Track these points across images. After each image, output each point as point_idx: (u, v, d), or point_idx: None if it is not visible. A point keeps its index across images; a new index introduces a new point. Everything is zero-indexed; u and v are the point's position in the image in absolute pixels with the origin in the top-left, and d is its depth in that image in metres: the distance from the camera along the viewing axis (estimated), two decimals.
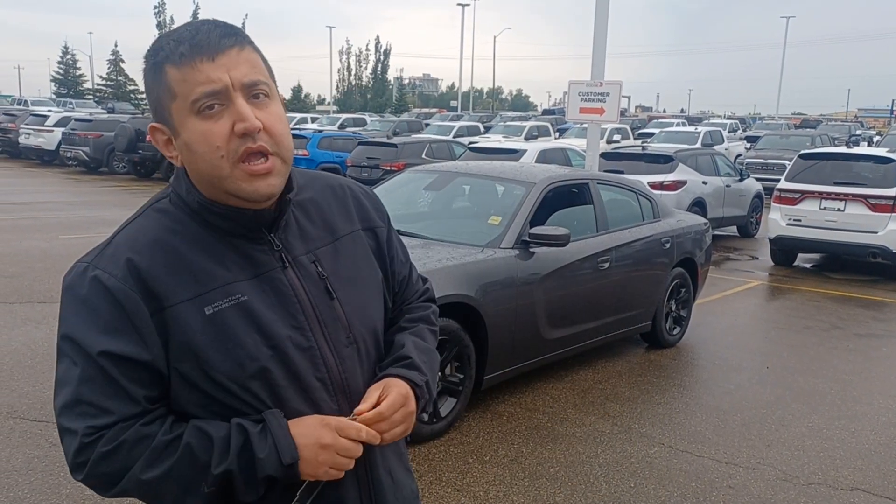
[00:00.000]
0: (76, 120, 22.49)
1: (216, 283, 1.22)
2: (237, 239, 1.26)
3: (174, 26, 1.27)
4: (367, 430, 1.25)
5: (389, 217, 1.54)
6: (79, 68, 67.97)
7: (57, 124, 23.10)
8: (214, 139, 1.17)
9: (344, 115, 37.37)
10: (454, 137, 22.90)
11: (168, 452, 1.18)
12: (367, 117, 36.74)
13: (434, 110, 62.51)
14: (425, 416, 4.48)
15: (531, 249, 5.15)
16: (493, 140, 22.12)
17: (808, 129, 31.03)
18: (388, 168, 14.58)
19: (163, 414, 1.23)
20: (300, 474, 1.22)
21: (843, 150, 11.30)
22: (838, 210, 9.71)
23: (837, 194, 9.73)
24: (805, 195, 9.98)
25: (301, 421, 1.24)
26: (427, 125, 30.02)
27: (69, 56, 66.69)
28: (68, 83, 66.01)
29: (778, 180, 10.94)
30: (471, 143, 18.74)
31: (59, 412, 1.21)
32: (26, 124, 24.10)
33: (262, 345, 1.23)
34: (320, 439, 1.21)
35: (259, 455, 1.18)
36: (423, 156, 15.66)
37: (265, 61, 1.25)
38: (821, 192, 9.86)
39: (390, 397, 1.29)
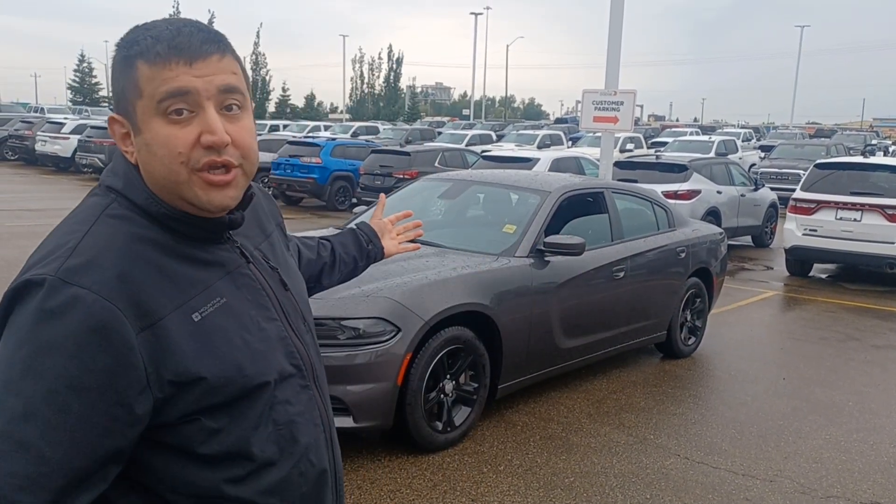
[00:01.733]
0: (92, 127, 22.65)
1: (197, 289, 1.17)
2: (202, 241, 1.22)
3: None
4: None
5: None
6: (94, 76, 68.52)
7: (73, 132, 23.30)
8: (178, 145, 1.12)
9: (357, 124, 37.51)
10: (467, 146, 22.93)
11: None
12: (380, 125, 36.83)
13: (446, 119, 62.63)
14: (439, 425, 4.47)
15: (546, 258, 5.14)
16: (506, 148, 22.11)
17: (823, 139, 30.88)
18: (401, 176, 14.61)
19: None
20: None
21: (859, 159, 11.22)
22: (854, 220, 9.64)
23: (854, 204, 9.67)
24: (821, 205, 9.92)
25: None
26: (439, 133, 30.07)
27: (85, 64, 67.26)
28: (84, 91, 66.56)
29: (793, 190, 10.88)
30: (483, 151, 18.73)
31: None
32: (42, 132, 24.32)
33: (250, 342, 1.21)
34: None
35: None
36: (436, 164, 15.68)
37: (244, 71, 1.22)
38: (837, 202, 9.79)
39: None
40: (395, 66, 68.96)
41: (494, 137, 28.47)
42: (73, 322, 1.03)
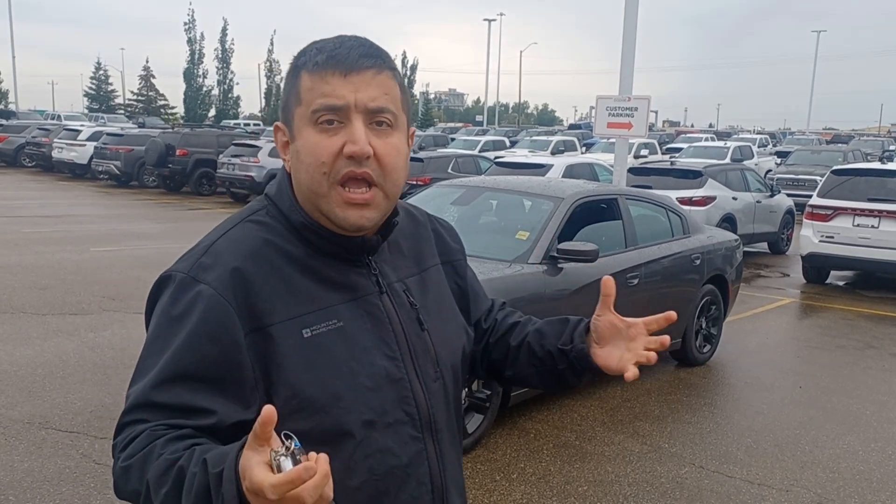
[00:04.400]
0: (108, 134, 22.86)
1: (315, 305, 1.16)
2: (335, 259, 1.21)
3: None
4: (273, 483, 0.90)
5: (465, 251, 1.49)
6: (111, 84, 69.23)
7: (89, 139, 23.49)
8: (322, 153, 1.14)
9: None
10: (480, 152, 22.93)
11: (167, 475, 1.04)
12: None
13: (460, 125, 62.70)
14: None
15: (559, 265, 5.12)
16: (520, 155, 22.10)
17: (839, 145, 30.66)
18: (414, 182, 14.61)
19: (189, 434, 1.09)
20: None
21: (876, 165, 11.13)
22: (872, 227, 9.55)
23: (871, 211, 9.57)
24: (838, 211, 9.83)
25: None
26: (453, 140, 30.10)
27: (101, 72, 67.95)
28: (100, 98, 67.21)
29: (809, 196, 10.79)
30: (497, 157, 18.72)
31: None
32: (59, 139, 24.54)
33: (354, 377, 1.16)
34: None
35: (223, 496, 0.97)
36: (450, 170, 15.69)
37: (403, 91, 1.21)
38: (854, 209, 9.70)
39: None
40: (408, 72, 69.24)
41: (508, 143, 28.46)
42: (193, 317, 1.12)
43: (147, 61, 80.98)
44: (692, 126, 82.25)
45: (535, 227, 5.37)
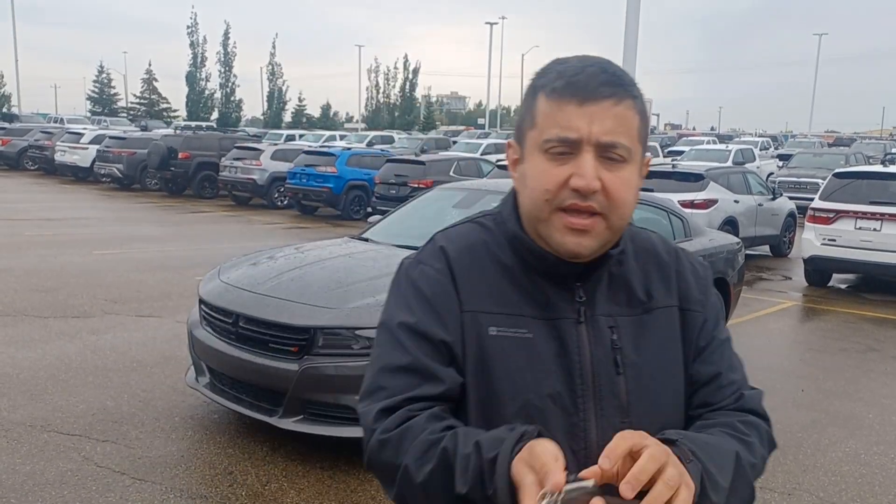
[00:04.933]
0: (110, 137, 22.91)
1: (509, 310, 1.17)
2: (543, 278, 1.19)
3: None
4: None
5: (714, 304, 1.30)
6: (113, 87, 69.43)
7: (91, 142, 23.55)
8: (548, 182, 1.12)
9: (372, 133, 37.69)
10: (482, 155, 22.93)
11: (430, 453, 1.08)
12: (395, 135, 36.97)
13: (462, 128, 62.73)
14: None
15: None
16: None
17: (841, 147, 30.62)
18: (416, 185, 14.63)
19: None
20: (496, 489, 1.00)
21: (878, 168, 11.11)
22: (874, 230, 9.54)
23: (873, 214, 9.56)
24: (840, 214, 9.82)
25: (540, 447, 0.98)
26: (455, 143, 30.11)
27: (104, 75, 68.13)
28: (103, 101, 67.37)
29: (811, 199, 10.78)
30: (498, 160, 18.71)
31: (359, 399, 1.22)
32: (62, 142, 24.61)
33: (526, 389, 1.14)
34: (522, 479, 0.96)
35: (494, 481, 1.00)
36: (451, 173, 15.70)
37: (643, 120, 1.16)
38: (856, 212, 9.69)
39: (643, 457, 0.93)
40: (410, 75, 69.33)
41: None
42: (422, 289, 1.20)
43: (150, 64, 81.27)
44: (694, 129, 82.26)
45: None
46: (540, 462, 0.93)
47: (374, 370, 1.19)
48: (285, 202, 18.56)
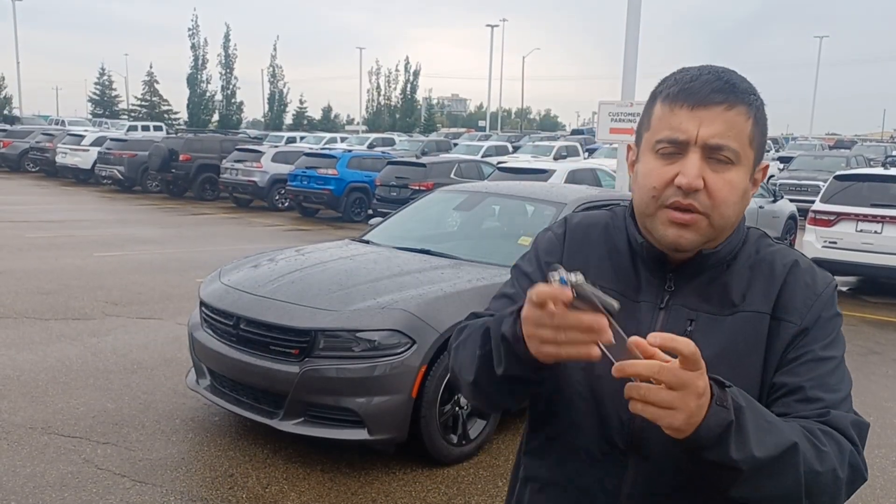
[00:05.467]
0: (111, 139, 22.94)
1: (602, 281, 1.27)
2: (641, 262, 1.32)
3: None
4: (542, 290, 1.04)
5: (825, 320, 1.29)
6: (114, 89, 69.46)
7: (93, 144, 23.57)
8: (655, 180, 1.22)
9: (373, 135, 37.68)
10: (483, 157, 22.94)
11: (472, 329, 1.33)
12: (396, 137, 36.97)
13: (462, 130, 62.73)
14: (454, 438, 4.44)
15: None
16: (522, 160, 22.09)
17: (842, 150, 30.63)
18: (417, 188, 14.63)
19: None
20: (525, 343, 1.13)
21: (879, 171, 11.10)
22: (875, 232, 9.53)
23: (874, 216, 9.56)
24: (841, 217, 9.81)
25: None
26: (455, 145, 30.12)
27: (105, 77, 68.14)
28: (104, 103, 67.39)
29: (812, 201, 10.77)
30: (499, 162, 18.73)
31: None
32: (63, 144, 24.63)
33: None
34: (525, 312, 1.10)
35: (503, 324, 1.18)
36: (452, 175, 15.69)
37: (757, 125, 1.23)
38: (857, 214, 9.68)
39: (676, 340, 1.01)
40: (411, 77, 69.23)
41: (510, 149, 28.47)
42: (536, 247, 1.47)
43: (151, 67, 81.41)
44: None
45: (538, 232, 5.35)
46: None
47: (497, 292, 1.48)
48: (286, 204, 18.56)
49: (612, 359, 1.03)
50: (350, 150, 21.12)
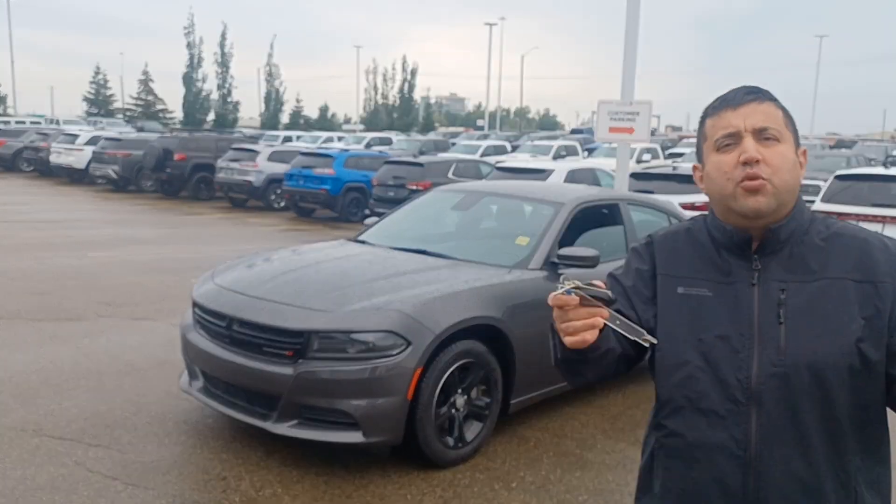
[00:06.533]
0: (106, 139, 22.82)
1: (693, 274, 1.62)
2: (727, 252, 1.60)
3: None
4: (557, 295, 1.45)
5: None
6: (109, 88, 69.17)
7: (87, 143, 23.46)
8: (724, 167, 1.54)
9: (370, 134, 37.59)
10: (481, 157, 22.89)
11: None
12: (394, 136, 36.88)
13: (461, 129, 62.68)
14: (450, 441, 4.38)
15: (560, 271, 5.05)
16: (521, 159, 22.03)
17: (843, 150, 30.59)
18: (414, 187, 14.56)
19: None
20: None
21: (880, 170, 11.05)
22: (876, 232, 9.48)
23: (875, 216, 9.50)
24: (841, 217, 9.74)
25: None
26: (453, 144, 30.05)
27: (100, 76, 67.91)
28: (99, 103, 67.13)
29: (812, 201, 10.72)
30: (498, 162, 18.66)
31: None
32: (57, 143, 24.51)
33: (700, 331, 1.56)
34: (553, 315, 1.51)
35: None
36: (450, 175, 15.63)
37: (787, 115, 1.58)
38: (858, 214, 9.63)
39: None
40: (409, 77, 69.07)
41: (509, 148, 28.40)
42: (631, 251, 1.78)
43: (146, 66, 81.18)
44: (695, 131, 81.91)
45: (536, 232, 5.31)
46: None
47: None
48: (282, 204, 18.48)
49: (621, 332, 1.49)
50: (347, 150, 21.04)
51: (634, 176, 12.07)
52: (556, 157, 24.86)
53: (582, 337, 1.44)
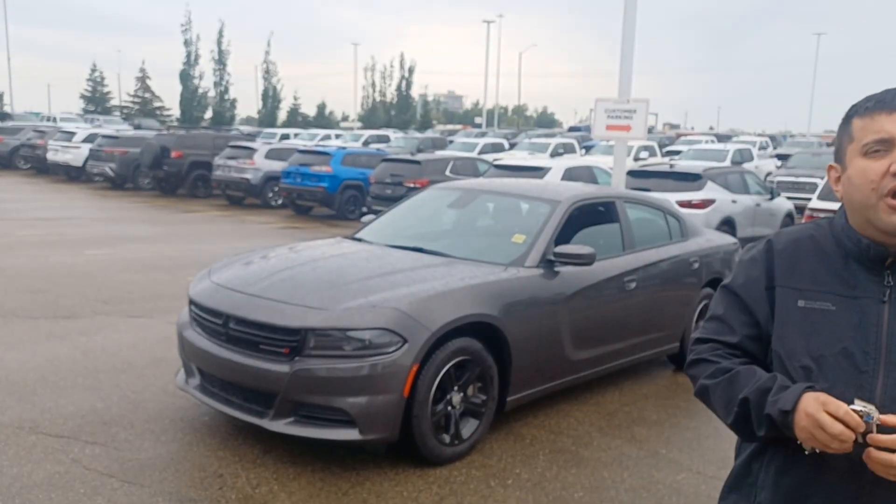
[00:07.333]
0: (103, 136, 22.78)
1: (817, 287, 1.53)
2: (856, 263, 1.51)
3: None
4: (849, 411, 1.33)
5: None
6: (106, 85, 69.02)
7: (84, 141, 23.42)
8: (870, 174, 1.44)
9: (368, 132, 37.52)
10: (478, 154, 22.87)
11: (720, 374, 1.58)
12: (391, 134, 36.83)
13: (458, 127, 62.62)
14: (446, 438, 4.39)
15: (556, 269, 5.06)
16: (518, 157, 22.02)
17: None
18: (412, 185, 14.57)
19: (737, 356, 1.61)
20: (792, 428, 1.41)
21: None
22: None
23: None
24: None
25: (814, 393, 1.41)
26: (451, 142, 30.02)
27: (97, 73, 67.77)
28: (96, 100, 67.00)
29: (809, 199, 10.75)
30: (495, 160, 18.65)
31: None
32: (54, 140, 24.47)
33: (820, 347, 1.49)
34: (807, 406, 1.37)
35: (770, 397, 1.45)
36: (447, 173, 15.63)
37: None
38: None
39: None
40: (406, 74, 68.98)
41: (507, 146, 28.38)
42: (745, 256, 1.69)
43: (143, 63, 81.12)
44: (692, 129, 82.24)
45: (532, 230, 5.31)
46: (833, 402, 1.36)
47: (709, 313, 1.72)
48: (279, 202, 18.47)
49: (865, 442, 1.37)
50: (344, 147, 21.02)
51: (631, 173, 12.09)
52: (554, 154, 24.85)
53: (847, 448, 1.36)
